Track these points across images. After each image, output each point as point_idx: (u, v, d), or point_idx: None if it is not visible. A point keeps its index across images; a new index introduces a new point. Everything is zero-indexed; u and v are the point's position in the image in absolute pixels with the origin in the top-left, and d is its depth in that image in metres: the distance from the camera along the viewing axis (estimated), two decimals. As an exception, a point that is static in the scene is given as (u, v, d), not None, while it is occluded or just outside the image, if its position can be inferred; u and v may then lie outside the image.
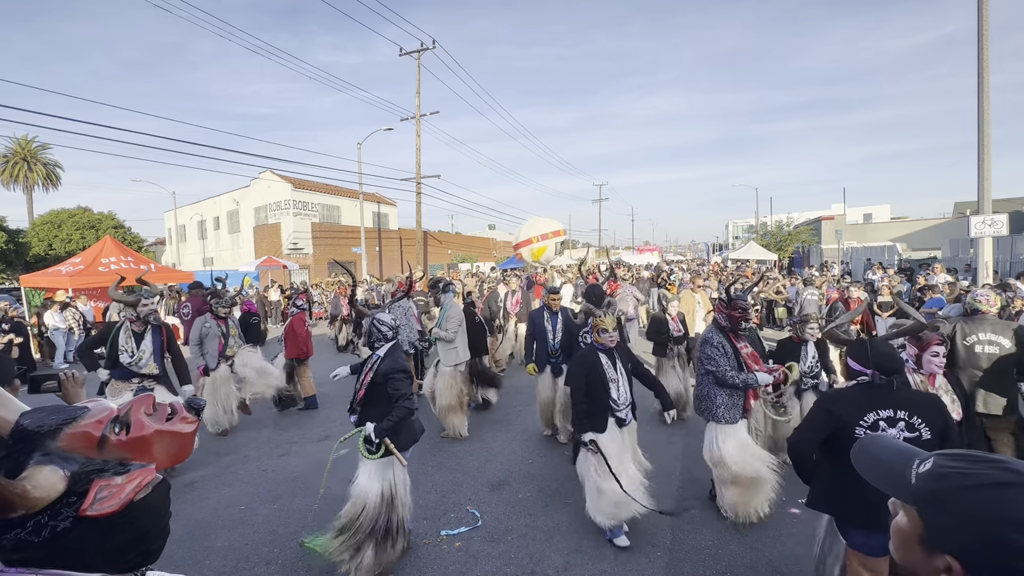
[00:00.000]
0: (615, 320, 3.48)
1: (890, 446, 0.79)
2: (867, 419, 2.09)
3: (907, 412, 2.07)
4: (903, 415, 2.07)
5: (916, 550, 0.68)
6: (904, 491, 0.71)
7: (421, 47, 19.81)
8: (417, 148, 20.68)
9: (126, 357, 4.55)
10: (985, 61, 9.31)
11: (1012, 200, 28.32)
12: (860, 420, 2.09)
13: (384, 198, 34.29)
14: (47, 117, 28.57)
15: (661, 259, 32.25)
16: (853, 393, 2.20)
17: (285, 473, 4.69)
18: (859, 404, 2.13)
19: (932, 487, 0.67)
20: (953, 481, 0.65)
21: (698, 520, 3.67)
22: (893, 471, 0.73)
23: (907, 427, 2.07)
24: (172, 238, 36.54)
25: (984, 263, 9.88)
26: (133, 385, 4.58)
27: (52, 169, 32.59)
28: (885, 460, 0.76)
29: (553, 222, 11.49)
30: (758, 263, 24.95)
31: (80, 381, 1.94)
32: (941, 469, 0.68)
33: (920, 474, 0.69)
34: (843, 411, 2.13)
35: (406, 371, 3.18)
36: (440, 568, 3.17)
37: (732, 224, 63.88)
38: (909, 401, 2.10)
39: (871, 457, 0.79)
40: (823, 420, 2.17)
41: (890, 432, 2.07)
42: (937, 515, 0.65)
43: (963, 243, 17.01)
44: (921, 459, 0.72)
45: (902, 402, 2.09)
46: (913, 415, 2.07)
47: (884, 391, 2.13)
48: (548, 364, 5.26)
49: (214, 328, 5.82)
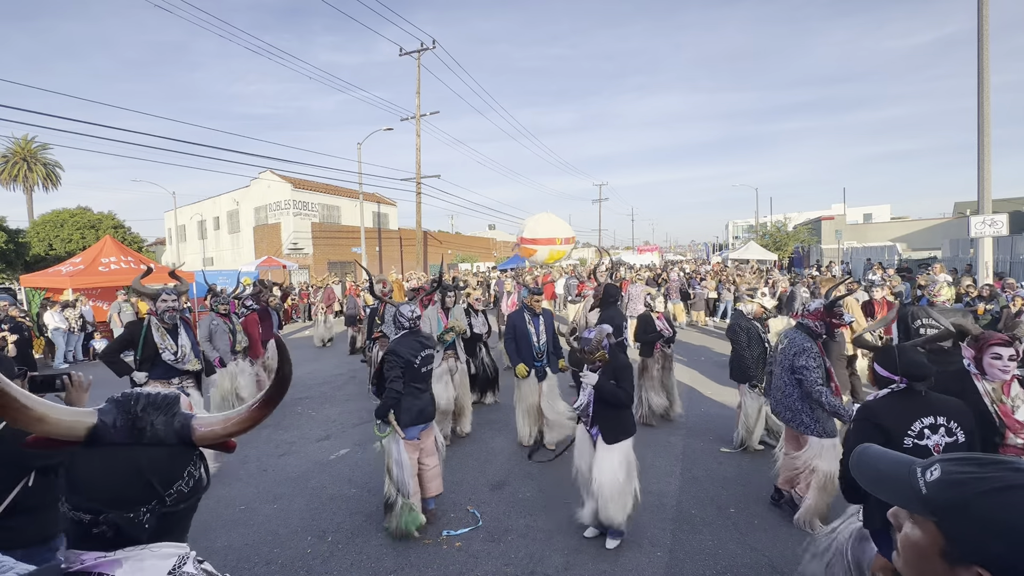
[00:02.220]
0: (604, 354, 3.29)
1: (883, 455, 0.76)
2: (914, 428, 2.09)
3: (945, 418, 2.10)
4: (942, 421, 2.09)
5: (936, 563, 0.65)
6: (915, 502, 0.67)
7: (421, 47, 19.82)
8: (417, 148, 20.68)
9: (169, 355, 4.25)
10: (985, 61, 9.32)
11: (1012, 200, 28.31)
12: (908, 430, 2.09)
13: (384, 198, 34.30)
14: (47, 117, 28.60)
15: (661, 258, 32.25)
16: (892, 403, 2.18)
17: (285, 473, 4.69)
18: (903, 414, 2.12)
19: (951, 496, 0.63)
20: (972, 487, 0.62)
21: (698, 520, 3.67)
22: (898, 481, 0.70)
23: (947, 432, 2.09)
24: (172, 238, 36.54)
25: (984, 263, 9.88)
26: (174, 385, 4.30)
27: (52, 169, 32.59)
28: (885, 471, 0.73)
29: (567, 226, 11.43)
30: (758, 263, 24.96)
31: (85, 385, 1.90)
32: (955, 476, 0.65)
33: (931, 483, 0.66)
34: (891, 424, 2.11)
35: (396, 354, 3.52)
36: (440, 568, 3.17)
37: (732, 224, 63.82)
38: (943, 407, 2.13)
39: (872, 469, 0.75)
40: (872, 435, 2.11)
41: (933, 439, 2.09)
42: (961, 525, 0.62)
43: (963, 243, 17.02)
44: (923, 467, 0.69)
45: (938, 408, 2.12)
46: (951, 420, 2.10)
47: (920, 398, 2.14)
48: (533, 367, 5.12)
49: (221, 325, 6.03)
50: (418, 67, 20.00)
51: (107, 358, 4.24)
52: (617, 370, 3.28)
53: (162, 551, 0.78)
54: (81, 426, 0.79)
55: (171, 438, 0.81)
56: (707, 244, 51.12)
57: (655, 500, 3.98)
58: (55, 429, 0.78)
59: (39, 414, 0.77)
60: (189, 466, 0.83)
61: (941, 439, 2.08)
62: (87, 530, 0.75)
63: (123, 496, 0.76)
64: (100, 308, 12.59)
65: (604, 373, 3.29)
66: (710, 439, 5.28)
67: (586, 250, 44.44)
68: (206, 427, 0.85)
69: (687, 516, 3.73)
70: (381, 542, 3.47)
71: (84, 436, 0.79)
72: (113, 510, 0.75)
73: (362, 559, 3.29)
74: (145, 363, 4.24)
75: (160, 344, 4.23)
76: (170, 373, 4.27)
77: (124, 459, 0.78)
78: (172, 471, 0.80)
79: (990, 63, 9.31)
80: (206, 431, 0.84)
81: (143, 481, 0.77)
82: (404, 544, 3.43)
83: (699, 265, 24.36)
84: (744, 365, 4.85)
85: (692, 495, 4.06)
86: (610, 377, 3.27)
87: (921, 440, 2.08)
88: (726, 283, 13.96)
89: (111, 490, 0.76)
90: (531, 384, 5.14)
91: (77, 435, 0.78)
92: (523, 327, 5.12)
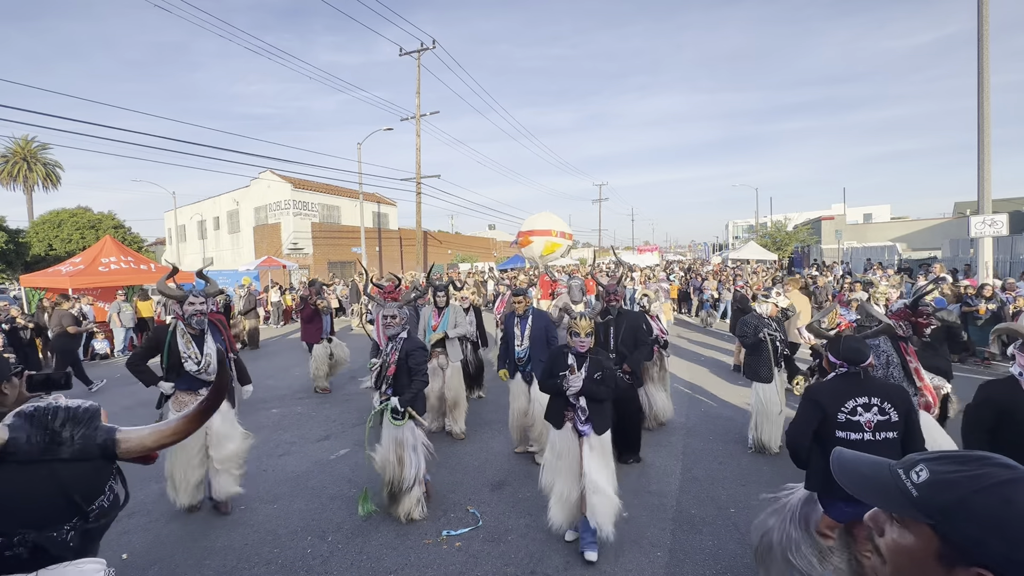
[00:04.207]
0: (591, 324, 3.30)
1: (863, 459, 0.75)
2: (847, 405, 2.37)
3: (879, 398, 2.37)
4: (876, 401, 2.36)
5: (932, 568, 0.63)
6: (905, 505, 0.65)
7: (421, 47, 19.82)
8: (417, 148, 20.68)
9: (191, 365, 3.79)
10: (985, 61, 9.32)
11: (1012, 200, 28.28)
12: (842, 407, 2.37)
13: (384, 198, 34.29)
14: (47, 117, 28.63)
15: (661, 258, 32.24)
16: (833, 384, 2.49)
17: (285, 473, 4.69)
18: (839, 393, 2.41)
19: (948, 497, 0.62)
20: (967, 486, 0.62)
21: (698, 520, 3.67)
22: (883, 485, 0.69)
23: (879, 411, 2.36)
24: (172, 238, 36.53)
25: (984, 263, 9.89)
26: (200, 396, 3.79)
27: (52, 169, 32.61)
28: (868, 474, 0.72)
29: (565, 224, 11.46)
30: (758, 263, 24.97)
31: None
32: (946, 476, 0.64)
33: (921, 485, 0.65)
34: (827, 401, 2.41)
35: (424, 348, 3.92)
36: (440, 568, 3.17)
37: (732, 224, 63.80)
38: (880, 389, 2.41)
39: (855, 473, 0.74)
40: (811, 411, 2.45)
41: (865, 416, 2.36)
42: (960, 526, 0.61)
43: (963, 243, 17.00)
44: (904, 467, 0.68)
45: (875, 390, 2.39)
46: (884, 401, 2.36)
47: (859, 380, 2.42)
48: (518, 371, 4.92)
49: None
50: (418, 67, 20.01)
51: (133, 367, 3.82)
52: (603, 363, 3.28)
53: (87, 567, 0.75)
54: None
55: (93, 452, 0.77)
56: (707, 244, 51.12)
57: (655, 500, 3.98)
58: None
59: None
60: (110, 480, 0.80)
61: (873, 416, 2.35)
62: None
63: (44, 515, 0.71)
64: (100, 308, 12.58)
65: (590, 369, 3.21)
66: (710, 439, 5.28)
67: (586, 250, 44.43)
68: (134, 439, 0.82)
69: (687, 516, 3.73)
70: (381, 542, 3.47)
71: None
72: (32, 530, 0.70)
73: (362, 559, 3.29)
74: (171, 372, 3.85)
75: (184, 352, 3.80)
76: (195, 384, 3.85)
77: (43, 476, 0.73)
78: (94, 487, 0.77)
79: (990, 63, 9.31)
80: (133, 444, 0.81)
81: (66, 498, 0.73)
82: (404, 544, 3.44)
83: (700, 265, 24.37)
84: (757, 364, 4.90)
85: (692, 495, 4.05)
86: (597, 369, 3.23)
87: (854, 416, 2.36)
88: (726, 283, 13.97)
89: (30, 509, 0.71)
90: (516, 387, 4.97)
91: None
92: (510, 329, 5.01)
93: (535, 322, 4.91)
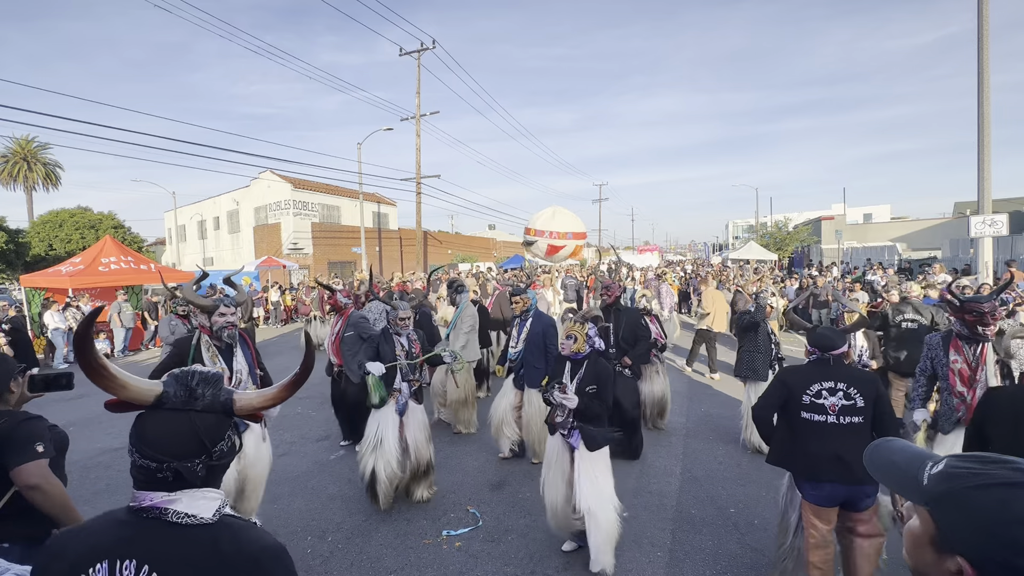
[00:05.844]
0: (583, 327, 3.17)
1: (906, 449, 0.78)
2: (812, 388, 2.52)
3: (845, 384, 2.49)
4: (842, 386, 2.49)
5: (927, 552, 0.68)
6: (915, 492, 0.70)
7: (421, 47, 19.82)
8: (417, 148, 20.68)
9: None
10: (985, 61, 9.32)
11: (1012, 200, 28.27)
12: (806, 389, 2.53)
13: (384, 198, 34.28)
14: (47, 117, 28.67)
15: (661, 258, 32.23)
16: (805, 368, 2.66)
17: (285, 473, 4.69)
18: (806, 376, 2.58)
19: (943, 488, 0.66)
20: (964, 481, 0.65)
21: (698, 520, 3.68)
22: (907, 474, 0.73)
23: (844, 396, 2.48)
24: (172, 238, 36.53)
25: (984, 263, 9.89)
26: None
27: (52, 169, 32.58)
28: (900, 463, 0.76)
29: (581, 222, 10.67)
30: (758, 263, 24.96)
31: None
32: (952, 470, 0.67)
33: (932, 475, 0.69)
34: (793, 382, 2.59)
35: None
36: (440, 568, 3.17)
37: (732, 224, 63.79)
38: (848, 375, 2.53)
39: (885, 460, 0.78)
40: (778, 389, 2.63)
41: (830, 399, 2.49)
42: (948, 515, 0.65)
43: (963, 243, 17.01)
44: (933, 461, 0.71)
45: (842, 376, 2.52)
46: (850, 386, 2.48)
47: (828, 366, 2.56)
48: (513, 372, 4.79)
49: (180, 326, 6.05)
50: (418, 67, 20.01)
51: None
52: (599, 375, 3.10)
53: (210, 494, 1.00)
54: (151, 393, 1.00)
55: (217, 407, 1.04)
56: (707, 244, 51.13)
57: (655, 500, 3.98)
58: (132, 394, 1.00)
59: (122, 382, 0.99)
60: (228, 431, 1.06)
61: (838, 400, 2.48)
62: (153, 475, 0.95)
63: (183, 450, 0.97)
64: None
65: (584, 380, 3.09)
66: (710, 439, 5.28)
67: (586, 250, 44.33)
68: (245, 400, 1.09)
69: (687, 516, 3.74)
70: (381, 542, 3.47)
71: (152, 401, 1.00)
72: (175, 460, 0.95)
73: (362, 559, 3.29)
74: None
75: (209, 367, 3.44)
76: None
77: (183, 421, 0.99)
78: (217, 434, 1.02)
79: (990, 63, 9.31)
80: (244, 403, 1.08)
81: (197, 439, 0.99)
82: (404, 544, 3.44)
83: (700, 266, 24.37)
84: (755, 361, 4.98)
85: (692, 495, 4.06)
86: (591, 381, 3.07)
87: (818, 399, 2.50)
88: (726, 283, 13.97)
89: (174, 444, 0.97)
90: (506, 386, 4.86)
91: (147, 400, 1.00)
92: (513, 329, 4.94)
93: (534, 325, 4.66)
